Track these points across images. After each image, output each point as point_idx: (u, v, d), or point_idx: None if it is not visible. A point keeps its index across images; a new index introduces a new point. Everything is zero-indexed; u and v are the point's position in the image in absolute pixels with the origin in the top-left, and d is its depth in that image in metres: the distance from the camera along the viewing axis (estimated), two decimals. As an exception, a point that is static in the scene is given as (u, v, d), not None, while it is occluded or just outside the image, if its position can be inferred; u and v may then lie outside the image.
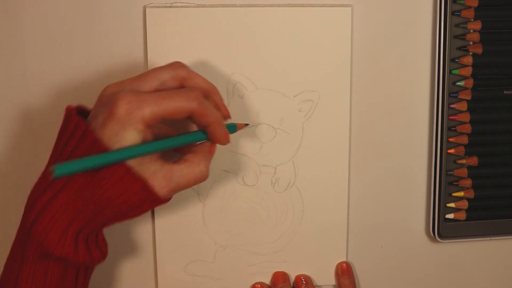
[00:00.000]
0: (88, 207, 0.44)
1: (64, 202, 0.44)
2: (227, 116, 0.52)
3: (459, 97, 0.59)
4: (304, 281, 0.60)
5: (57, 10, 0.54)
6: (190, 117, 0.46)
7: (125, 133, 0.43)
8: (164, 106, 0.44)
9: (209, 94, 0.50)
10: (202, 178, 0.48)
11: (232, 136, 0.57)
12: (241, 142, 0.57)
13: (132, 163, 0.44)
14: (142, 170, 0.44)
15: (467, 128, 0.59)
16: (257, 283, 0.60)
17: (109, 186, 0.43)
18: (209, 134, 0.48)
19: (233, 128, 0.53)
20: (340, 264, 0.61)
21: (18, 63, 0.55)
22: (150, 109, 0.43)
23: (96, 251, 0.46)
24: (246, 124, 0.56)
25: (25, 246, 0.45)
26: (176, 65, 0.48)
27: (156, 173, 0.45)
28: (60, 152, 0.45)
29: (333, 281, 0.61)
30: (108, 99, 0.45)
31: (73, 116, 0.45)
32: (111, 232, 0.59)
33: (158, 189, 0.45)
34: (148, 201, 0.45)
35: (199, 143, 0.49)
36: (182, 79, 0.48)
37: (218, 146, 0.52)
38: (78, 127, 0.44)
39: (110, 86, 0.47)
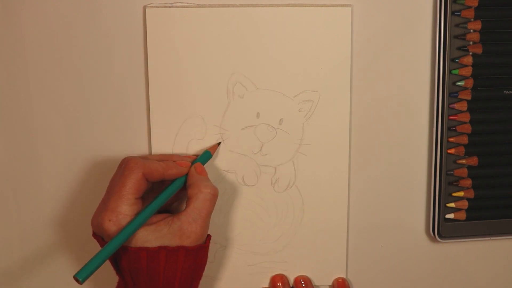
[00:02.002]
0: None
1: None
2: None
3: (459, 97, 0.59)
4: (303, 282, 0.60)
5: (57, 10, 0.54)
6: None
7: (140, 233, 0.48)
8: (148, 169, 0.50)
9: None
10: (215, 194, 0.51)
11: (231, 136, 0.57)
12: (241, 142, 0.57)
13: (155, 242, 0.47)
14: (169, 240, 0.48)
15: (467, 128, 0.59)
16: None
17: (165, 269, 0.48)
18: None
19: (207, 156, 0.55)
20: (336, 279, 0.61)
21: (18, 63, 0.55)
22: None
23: None
24: (219, 143, 0.57)
25: None
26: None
27: (180, 230, 0.48)
28: None
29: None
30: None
31: None
32: (111, 232, 0.58)
33: (194, 239, 0.48)
34: (199, 255, 0.49)
35: (189, 176, 0.52)
36: None
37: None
38: None
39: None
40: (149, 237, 0.48)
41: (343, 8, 0.56)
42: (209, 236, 0.52)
